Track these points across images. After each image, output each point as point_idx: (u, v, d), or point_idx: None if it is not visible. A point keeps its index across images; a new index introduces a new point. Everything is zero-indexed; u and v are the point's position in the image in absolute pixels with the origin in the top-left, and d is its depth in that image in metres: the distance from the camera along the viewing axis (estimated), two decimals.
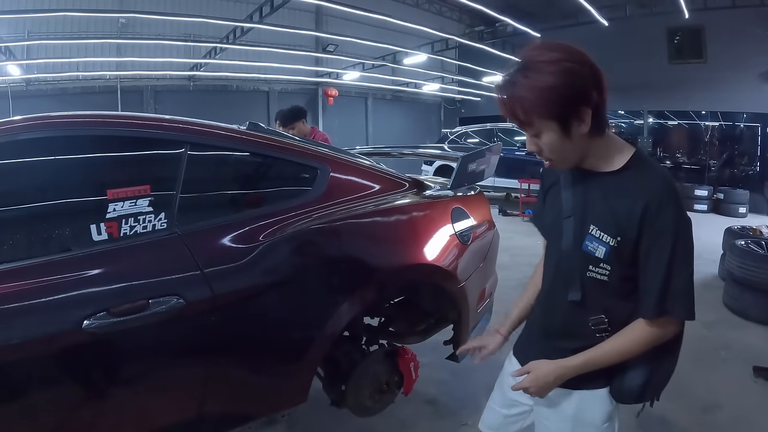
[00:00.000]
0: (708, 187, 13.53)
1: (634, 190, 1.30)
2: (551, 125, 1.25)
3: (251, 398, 2.09)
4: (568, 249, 1.41)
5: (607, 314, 1.40)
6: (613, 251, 1.32)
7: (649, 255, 1.29)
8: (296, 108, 5.34)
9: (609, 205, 1.33)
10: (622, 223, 1.30)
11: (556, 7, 14.10)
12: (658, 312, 1.31)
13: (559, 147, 1.29)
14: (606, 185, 1.35)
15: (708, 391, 3.56)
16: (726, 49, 13.53)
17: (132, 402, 1.81)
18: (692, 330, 4.60)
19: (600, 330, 1.40)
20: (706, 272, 6.76)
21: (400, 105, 21.01)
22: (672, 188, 1.30)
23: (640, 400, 1.49)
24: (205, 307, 1.84)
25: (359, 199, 2.43)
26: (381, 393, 2.58)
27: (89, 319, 1.64)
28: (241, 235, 2.01)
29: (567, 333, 1.47)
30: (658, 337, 1.35)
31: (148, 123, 2.05)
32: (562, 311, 1.46)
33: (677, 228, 1.27)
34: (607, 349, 1.38)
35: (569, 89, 1.21)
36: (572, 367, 1.41)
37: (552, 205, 1.53)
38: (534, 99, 1.22)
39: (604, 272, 1.36)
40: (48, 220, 1.86)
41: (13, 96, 12.22)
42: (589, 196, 1.38)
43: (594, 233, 1.34)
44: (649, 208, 1.26)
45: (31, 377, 1.64)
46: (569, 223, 1.41)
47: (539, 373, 1.43)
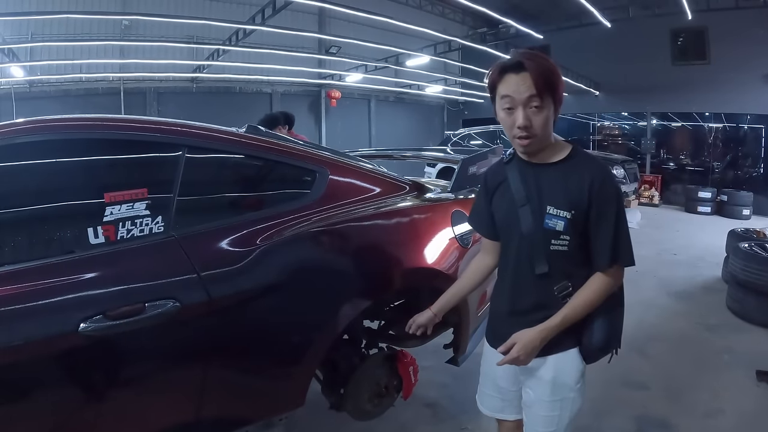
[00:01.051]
0: (711, 189, 13.51)
1: (580, 171, 1.63)
2: (550, 103, 1.58)
3: (248, 402, 2.08)
4: (529, 230, 1.67)
5: (569, 279, 1.68)
6: (569, 223, 1.61)
7: (599, 219, 1.61)
8: (272, 115, 5.46)
9: (560, 187, 1.64)
10: (575, 198, 1.61)
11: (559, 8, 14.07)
12: (611, 262, 1.63)
13: (547, 124, 1.60)
14: (555, 172, 1.67)
15: (710, 396, 3.54)
16: (730, 50, 13.50)
17: (128, 405, 1.80)
18: (694, 333, 4.64)
19: (565, 295, 1.67)
20: (709, 275, 6.74)
21: (403, 107, 21.01)
22: (607, 168, 1.68)
23: (606, 352, 1.77)
24: (201, 310, 1.83)
25: (359, 202, 2.42)
26: (380, 397, 2.56)
27: (86, 322, 1.63)
28: (239, 239, 2.00)
29: (537, 305, 1.70)
30: (612, 285, 1.67)
31: (146, 126, 2.05)
32: (531, 286, 1.71)
33: (617, 196, 1.64)
34: (576, 304, 1.65)
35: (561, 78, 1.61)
36: (553, 327, 1.64)
37: (502, 200, 1.80)
38: (555, 73, 1.59)
39: (564, 243, 1.64)
40: (45, 223, 1.86)
41: (16, 98, 12.24)
42: (541, 184, 1.68)
43: (551, 212, 1.63)
44: (594, 183, 1.60)
45: (27, 380, 1.63)
46: (526, 210, 1.68)
47: (525, 340, 1.64)
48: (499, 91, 1.62)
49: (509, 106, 1.59)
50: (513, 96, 1.57)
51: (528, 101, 1.56)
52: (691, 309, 5.51)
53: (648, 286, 6.24)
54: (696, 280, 6.60)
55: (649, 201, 14.42)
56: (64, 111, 2.09)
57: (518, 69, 1.56)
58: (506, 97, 1.59)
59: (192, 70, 14.60)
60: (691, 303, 5.73)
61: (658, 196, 14.69)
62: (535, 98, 1.55)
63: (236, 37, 12.46)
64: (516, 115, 1.58)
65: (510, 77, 1.58)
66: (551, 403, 1.75)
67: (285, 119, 5.53)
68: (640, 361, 4.10)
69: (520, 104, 1.56)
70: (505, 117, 1.62)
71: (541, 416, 1.77)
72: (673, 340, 4.61)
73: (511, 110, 1.59)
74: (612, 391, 3.56)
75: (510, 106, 1.59)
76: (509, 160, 1.80)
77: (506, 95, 1.58)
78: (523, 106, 1.56)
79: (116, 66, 13.28)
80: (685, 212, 13.40)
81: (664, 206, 14.47)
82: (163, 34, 12.73)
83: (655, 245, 8.67)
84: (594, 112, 18.93)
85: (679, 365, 4.05)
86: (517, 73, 1.56)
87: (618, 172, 11.09)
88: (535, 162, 1.70)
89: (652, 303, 5.60)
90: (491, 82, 1.65)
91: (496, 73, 1.62)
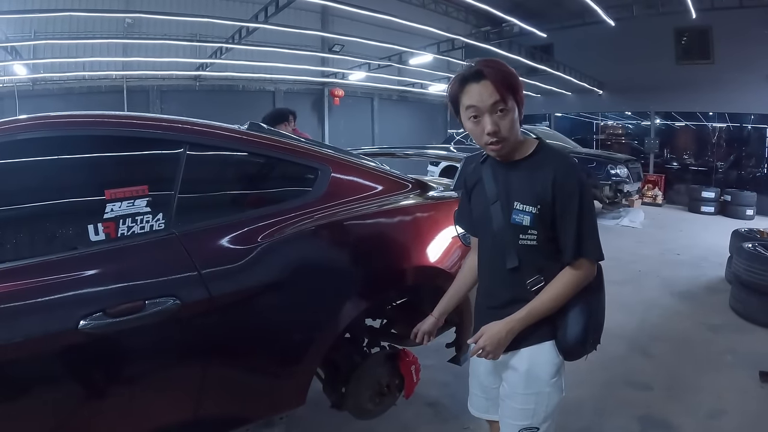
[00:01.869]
0: (715, 189, 13.45)
1: (544, 166, 1.66)
2: (513, 105, 1.61)
3: (248, 400, 2.08)
4: (499, 227, 1.71)
5: (541, 273, 1.70)
6: (536, 217, 1.64)
7: (564, 212, 1.63)
8: (280, 111, 5.46)
9: (526, 182, 1.67)
10: (540, 192, 1.64)
11: (563, 7, 14.07)
12: (576, 254, 1.64)
13: (514, 126, 1.63)
14: (522, 168, 1.71)
15: (713, 396, 3.52)
16: (734, 50, 13.44)
17: (127, 403, 1.80)
18: (697, 334, 4.62)
19: (538, 289, 1.69)
20: (712, 275, 6.72)
21: (407, 105, 20.97)
22: (572, 162, 1.71)
23: (583, 346, 1.72)
24: (201, 308, 1.83)
25: (361, 200, 2.41)
26: (381, 396, 2.56)
27: (85, 320, 1.63)
28: (240, 236, 2.00)
29: (511, 299, 1.72)
30: (582, 278, 1.67)
31: (147, 123, 2.04)
32: (505, 280, 1.73)
33: (581, 189, 1.63)
34: (544, 297, 1.67)
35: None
36: (519, 320, 1.67)
37: (478, 198, 1.85)
38: (514, 75, 1.62)
39: (533, 237, 1.67)
40: (45, 220, 1.86)
41: (19, 95, 12.24)
42: (509, 181, 1.72)
43: (518, 207, 1.66)
44: (557, 176, 1.62)
45: (26, 377, 1.63)
46: (497, 207, 1.73)
47: (491, 332, 1.68)
48: (462, 102, 1.65)
49: (475, 115, 1.62)
50: (477, 105, 1.60)
51: (493, 107, 1.59)
52: (694, 309, 5.48)
53: (651, 285, 6.22)
54: (699, 280, 6.57)
55: (652, 201, 14.39)
56: (67, 109, 2.08)
57: (478, 78, 1.59)
58: (471, 107, 1.62)
59: (195, 68, 14.59)
60: (695, 303, 5.70)
61: (661, 196, 14.66)
62: (500, 103, 1.58)
63: (239, 35, 12.46)
64: (483, 122, 1.61)
65: (472, 87, 1.61)
66: (525, 396, 1.75)
67: (292, 116, 5.50)
68: (642, 361, 4.09)
69: (486, 112, 1.60)
70: (473, 126, 1.65)
71: (515, 409, 1.77)
72: (676, 340, 4.59)
73: (477, 119, 1.63)
74: (615, 391, 3.55)
75: (476, 114, 1.62)
76: (484, 160, 1.85)
77: (471, 105, 1.62)
78: (489, 113, 1.60)
79: (119, 64, 13.28)
80: (689, 212, 13.36)
81: (667, 206, 14.43)
82: (166, 32, 12.72)
83: (658, 245, 8.65)
84: (597, 111, 18.92)
85: (682, 365, 4.03)
86: (478, 82, 1.59)
87: (621, 172, 11.03)
88: (506, 161, 1.74)
89: (655, 303, 5.58)
90: (452, 94, 1.68)
91: (456, 85, 1.65)
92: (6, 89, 12.28)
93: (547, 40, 14.41)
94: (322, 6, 14.76)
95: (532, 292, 1.69)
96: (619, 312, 5.01)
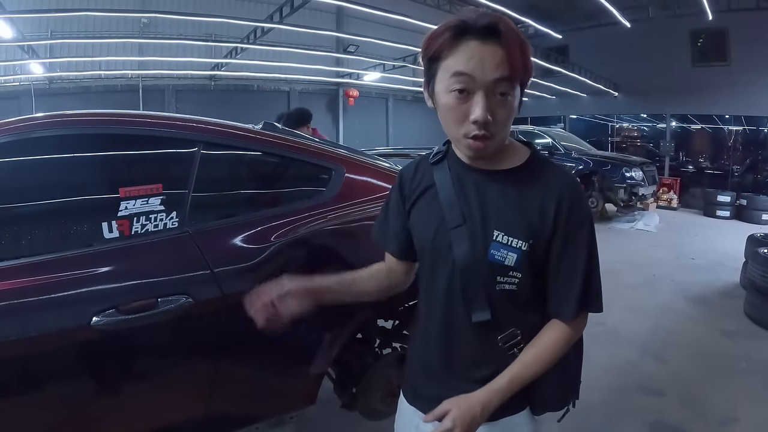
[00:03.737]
0: (731, 192, 13.29)
1: (542, 185, 1.18)
2: (517, 91, 1.12)
3: (259, 399, 2.08)
4: (466, 263, 1.19)
5: (519, 327, 1.24)
6: (524, 256, 1.16)
7: (566, 253, 1.18)
8: (303, 112, 5.44)
9: (515, 206, 1.18)
10: (534, 223, 1.16)
11: (578, 8, 14.02)
12: (579, 311, 1.20)
13: (510, 118, 1.14)
14: (508, 184, 1.20)
15: (725, 403, 3.49)
16: (751, 51, 13.29)
17: (139, 400, 1.82)
18: (710, 339, 4.58)
19: (512, 346, 1.24)
20: (726, 280, 6.65)
21: (421, 106, 20.75)
22: (577, 183, 1.23)
23: (563, 406, 1.35)
24: (214, 306, 1.84)
25: (375, 201, 2.40)
26: (392, 396, 2.55)
27: (98, 316, 1.65)
28: (253, 235, 2.00)
29: (476, 360, 1.26)
30: (575, 336, 1.25)
31: (162, 122, 2.06)
32: (466, 336, 1.25)
33: (590, 222, 1.20)
34: (529, 360, 1.21)
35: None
36: (498, 391, 1.19)
37: (425, 214, 1.29)
38: (530, 53, 1.13)
39: (514, 281, 1.19)
40: (59, 217, 1.88)
41: (36, 94, 12.37)
42: (487, 199, 1.20)
43: (500, 239, 1.16)
44: (563, 203, 1.16)
45: (39, 372, 1.65)
46: (461, 233, 1.20)
47: (463, 409, 1.16)
48: (447, 63, 1.10)
49: (462, 88, 1.08)
50: (472, 75, 1.06)
51: (494, 86, 1.07)
52: (708, 314, 5.43)
53: (665, 290, 6.16)
54: (714, 285, 6.51)
55: (667, 204, 14.27)
56: (83, 107, 2.11)
57: (486, 35, 1.06)
58: (461, 75, 1.07)
59: (210, 67, 14.68)
60: (709, 308, 5.65)
61: (676, 200, 14.53)
62: (505, 82, 1.08)
63: (254, 35, 12.50)
64: (473, 103, 1.09)
65: (471, 46, 1.07)
66: None
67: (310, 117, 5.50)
68: (656, 367, 4.06)
69: (481, 88, 1.07)
70: (454, 103, 1.11)
71: None
72: (690, 345, 4.55)
73: (464, 95, 1.09)
74: (627, 397, 3.53)
75: (464, 87, 1.08)
76: (438, 160, 1.32)
77: (462, 72, 1.07)
78: (485, 92, 1.07)
79: (135, 63, 13.38)
80: (704, 216, 13.20)
81: (682, 210, 14.29)
82: (181, 32, 12.80)
83: (673, 249, 8.57)
84: (613, 113, 18.80)
85: (695, 372, 4.00)
86: (482, 41, 1.06)
87: (636, 174, 10.97)
88: (480, 167, 1.23)
89: (669, 308, 5.53)
90: (435, 48, 1.11)
91: (447, 37, 1.09)
92: (23, 87, 12.43)
93: (562, 41, 14.37)
94: (337, 7, 14.79)
95: (504, 349, 1.24)
96: (632, 316, 5.00)
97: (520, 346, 1.24)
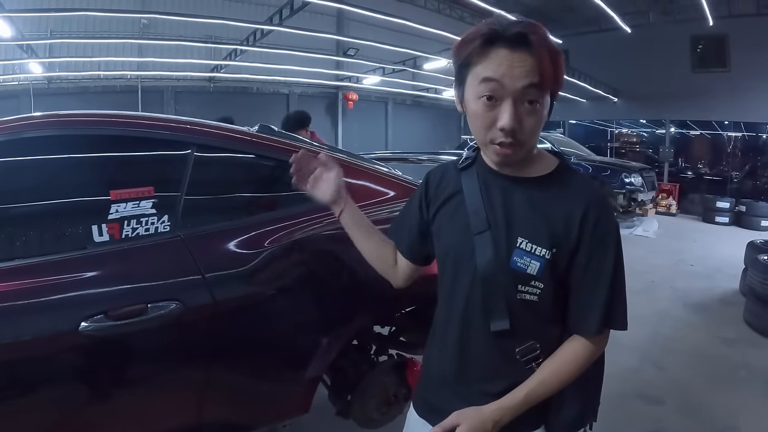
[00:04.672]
0: (730, 199, 13.29)
1: (571, 195, 1.18)
2: (548, 102, 1.13)
3: (252, 407, 2.04)
4: (487, 270, 1.18)
5: (538, 340, 1.21)
6: (547, 264, 1.15)
7: (591, 266, 1.17)
8: (303, 115, 5.44)
9: (540, 213, 1.17)
10: (559, 232, 1.15)
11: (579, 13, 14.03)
12: (602, 327, 1.19)
13: (538, 127, 1.14)
14: (534, 191, 1.20)
15: (726, 413, 3.45)
16: (751, 57, 13.33)
17: (128, 408, 1.77)
18: (710, 347, 4.55)
19: (530, 360, 1.21)
20: (726, 287, 6.63)
21: (420, 110, 20.96)
22: (606, 194, 1.21)
23: (580, 427, 1.32)
24: (205, 313, 1.79)
25: (373, 206, 2.37)
26: (388, 405, 2.51)
27: (87, 321, 1.60)
28: (246, 241, 1.96)
29: (491, 372, 1.24)
30: (597, 352, 1.23)
31: (155, 123, 2.02)
32: (483, 347, 1.24)
33: (617, 237, 1.19)
34: (546, 377, 1.19)
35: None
36: (512, 408, 1.17)
37: (450, 220, 1.30)
38: (563, 62, 1.11)
39: (536, 291, 1.18)
40: (48, 220, 1.84)
41: (34, 94, 12.35)
42: (512, 205, 1.20)
43: (523, 246, 1.16)
44: (589, 214, 1.15)
45: (25, 378, 1.61)
46: (485, 239, 1.19)
47: (472, 422, 1.15)
48: (476, 70, 1.11)
49: (491, 95, 1.09)
50: (501, 81, 1.07)
51: (523, 93, 1.08)
52: (707, 322, 5.41)
53: (664, 296, 6.15)
54: (713, 292, 6.49)
55: (666, 210, 14.25)
56: (82, 108, 2.07)
57: (516, 43, 1.07)
58: (490, 81, 1.08)
59: (209, 69, 14.66)
60: (708, 315, 5.62)
61: (675, 205, 14.52)
62: (535, 90, 1.08)
63: (254, 37, 12.50)
64: (501, 110, 1.09)
65: (500, 53, 1.08)
66: None
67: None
68: (655, 375, 4.03)
69: (510, 96, 1.08)
70: (482, 110, 1.11)
71: None
72: (689, 353, 4.51)
73: (493, 102, 1.10)
74: (626, 405, 3.49)
75: (492, 94, 1.09)
76: (467, 165, 1.32)
77: (491, 78, 1.08)
78: (514, 100, 1.08)
79: (134, 64, 13.37)
80: (703, 222, 13.21)
81: (681, 215, 14.29)
82: (181, 33, 12.78)
83: (672, 255, 8.55)
84: (612, 119, 18.82)
85: (694, 380, 3.96)
86: (512, 49, 1.07)
87: (636, 180, 10.96)
88: (507, 174, 1.23)
89: (668, 314, 5.51)
90: (465, 54, 1.12)
91: (477, 44, 1.10)
92: (21, 87, 12.40)
93: (562, 46, 14.26)
94: (338, 10, 14.80)
95: (521, 363, 1.21)
96: (631, 323, 4.84)
97: (539, 361, 1.22)
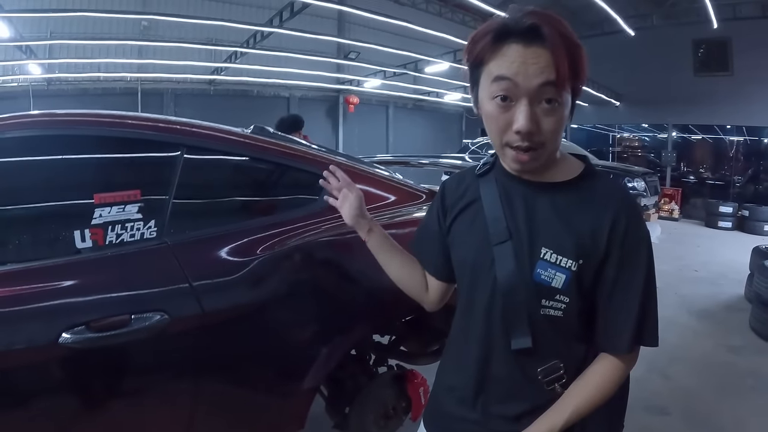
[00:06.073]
0: (733, 203, 13.23)
1: (598, 201, 1.08)
2: (569, 99, 1.03)
3: (243, 424, 1.94)
4: (508, 283, 1.09)
5: (561, 359, 1.11)
6: (573, 277, 1.05)
7: (621, 278, 1.07)
8: (297, 117, 5.63)
9: (565, 222, 1.08)
10: (586, 242, 1.05)
11: (581, 16, 13.95)
12: (634, 345, 1.09)
13: (560, 130, 1.05)
14: (558, 197, 1.11)
15: (734, 422, 3.37)
16: (753, 61, 13.31)
17: (112, 426, 1.67)
18: (716, 355, 4.44)
19: (553, 380, 1.10)
20: (731, 293, 6.54)
21: (422, 114, 20.94)
22: (635, 201, 1.13)
23: None
24: (193, 324, 1.69)
25: (372, 211, 2.28)
26: (387, 418, 2.42)
27: (67, 333, 1.51)
28: (238, 248, 1.86)
29: (510, 394, 1.15)
30: (627, 371, 1.13)
31: (143, 124, 1.92)
32: (503, 364, 1.14)
33: (648, 246, 1.10)
34: (579, 402, 1.08)
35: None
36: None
37: (468, 230, 1.21)
38: (583, 54, 1.01)
39: (560, 306, 1.07)
40: (28, 225, 1.74)
41: (34, 95, 12.36)
42: (534, 214, 1.11)
43: (548, 258, 1.06)
44: (618, 223, 1.05)
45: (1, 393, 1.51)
46: (506, 249, 1.10)
47: None
48: (489, 68, 1.02)
49: (505, 95, 1.00)
50: (515, 80, 0.98)
51: (539, 92, 0.98)
52: (713, 329, 5.31)
53: (669, 303, 6.03)
54: (718, 298, 6.40)
55: (668, 215, 14.19)
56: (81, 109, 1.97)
57: (529, 37, 0.97)
58: (504, 79, 0.99)
59: (210, 72, 14.66)
60: (714, 322, 5.53)
61: (678, 210, 14.46)
62: (552, 88, 0.98)
63: (254, 39, 12.49)
64: (516, 111, 1.00)
65: (513, 49, 0.98)
66: None
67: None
68: (660, 384, 3.92)
69: (525, 95, 0.99)
70: (497, 111, 1.03)
71: None
72: (695, 361, 4.42)
73: (507, 102, 1.01)
74: (630, 416, 3.37)
75: (507, 94, 1.00)
76: (485, 171, 1.23)
77: (504, 77, 0.99)
78: (529, 100, 0.99)
79: (134, 66, 13.38)
80: (706, 227, 13.14)
81: (683, 220, 14.22)
82: (181, 35, 12.76)
83: (676, 261, 8.45)
84: (614, 123, 18.76)
85: (700, 389, 3.87)
86: (526, 45, 0.97)
87: (638, 185, 10.91)
88: (528, 179, 1.14)
89: (673, 321, 5.40)
90: (477, 53, 1.03)
91: (488, 40, 1.01)
92: (20, 88, 12.39)
93: None
94: (339, 12, 14.80)
95: (543, 384, 1.11)
96: None
97: (562, 382, 1.11)
